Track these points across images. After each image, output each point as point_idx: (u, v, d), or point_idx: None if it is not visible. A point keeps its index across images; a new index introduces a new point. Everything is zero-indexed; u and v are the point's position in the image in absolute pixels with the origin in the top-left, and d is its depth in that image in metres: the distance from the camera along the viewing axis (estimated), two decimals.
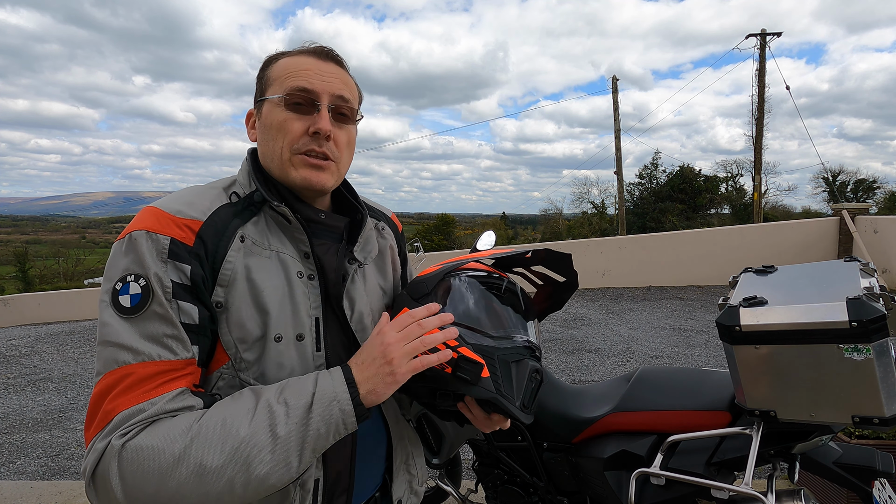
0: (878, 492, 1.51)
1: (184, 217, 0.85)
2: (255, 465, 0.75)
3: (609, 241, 11.65)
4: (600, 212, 40.79)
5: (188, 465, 0.72)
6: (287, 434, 0.77)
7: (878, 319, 1.17)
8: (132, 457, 0.72)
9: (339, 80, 0.95)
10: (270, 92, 0.93)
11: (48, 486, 3.43)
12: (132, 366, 0.77)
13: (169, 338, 0.80)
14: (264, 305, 0.86)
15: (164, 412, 0.75)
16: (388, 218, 1.18)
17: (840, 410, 1.27)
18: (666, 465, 1.57)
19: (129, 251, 0.82)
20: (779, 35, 19.94)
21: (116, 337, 0.78)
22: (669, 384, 1.74)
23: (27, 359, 7.14)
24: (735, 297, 1.41)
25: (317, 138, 0.91)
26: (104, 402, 0.76)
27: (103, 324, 0.79)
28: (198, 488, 0.73)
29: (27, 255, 52.12)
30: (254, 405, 0.79)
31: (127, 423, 0.74)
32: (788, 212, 36.10)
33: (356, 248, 1.00)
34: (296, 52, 0.97)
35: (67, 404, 5.19)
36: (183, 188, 0.95)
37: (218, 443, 0.74)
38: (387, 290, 1.07)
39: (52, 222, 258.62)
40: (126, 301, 0.79)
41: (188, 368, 0.81)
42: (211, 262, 0.85)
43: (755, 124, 20.75)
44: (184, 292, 0.82)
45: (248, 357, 0.86)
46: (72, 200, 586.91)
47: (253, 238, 0.89)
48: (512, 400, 0.94)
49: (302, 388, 0.82)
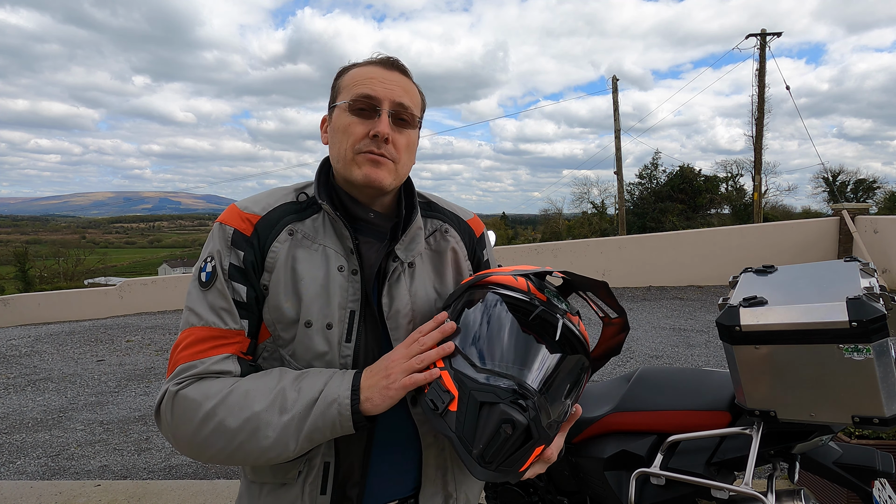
0: (878, 492, 1.51)
1: (248, 212, 1.00)
2: (261, 437, 0.87)
3: (609, 241, 11.65)
4: (600, 212, 40.80)
5: (214, 420, 0.88)
6: (290, 419, 0.87)
7: (878, 319, 1.17)
8: (179, 402, 0.90)
9: (401, 88, 1.02)
10: (340, 99, 1.03)
11: (48, 486, 3.43)
12: (195, 328, 0.94)
13: (223, 310, 0.95)
14: (300, 293, 0.97)
15: (208, 372, 0.91)
16: (458, 220, 1.18)
17: (840, 410, 1.27)
18: (666, 465, 1.57)
19: (211, 237, 1.01)
20: (779, 35, 19.94)
21: (192, 303, 0.97)
22: (669, 384, 1.74)
23: (27, 359, 7.14)
24: (735, 297, 1.41)
25: (376, 140, 0.99)
26: (175, 354, 0.95)
27: (189, 291, 0.99)
28: (218, 441, 0.88)
29: (27, 255, 52.09)
30: (274, 385, 0.91)
31: (182, 375, 0.91)
32: (788, 212, 36.11)
33: (398, 246, 1.03)
34: (364, 63, 1.05)
35: (67, 404, 5.19)
36: (266, 190, 1.09)
37: (237, 410, 0.88)
38: (441, 293, 1.09)
39: (52, 222, 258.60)
40: (203, 276, 0.97)
41: (236, 338, 0.96)
42: (261, 249, 0.99)
43: (755, 124, 20.76)
44: (238, 274, 0.97)
45: (285, 336, 0.98)
46: (72, 200, 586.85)
47: (304, 232, 1.01)
48: (469, 445, 0.82)
49: (315, 382, 0.91)
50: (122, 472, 3.67)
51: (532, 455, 0.86)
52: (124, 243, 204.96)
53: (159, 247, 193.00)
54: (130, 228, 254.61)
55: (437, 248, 1.11)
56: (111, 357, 7.06)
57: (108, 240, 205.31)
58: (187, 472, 3.66)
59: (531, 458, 0.86)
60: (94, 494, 3.25)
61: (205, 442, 0.89)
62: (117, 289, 11.91)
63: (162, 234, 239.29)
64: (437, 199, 1.19)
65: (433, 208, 1.16)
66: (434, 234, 1.12)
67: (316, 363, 0.97)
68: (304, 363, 0.97)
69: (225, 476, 3.57)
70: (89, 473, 3.68)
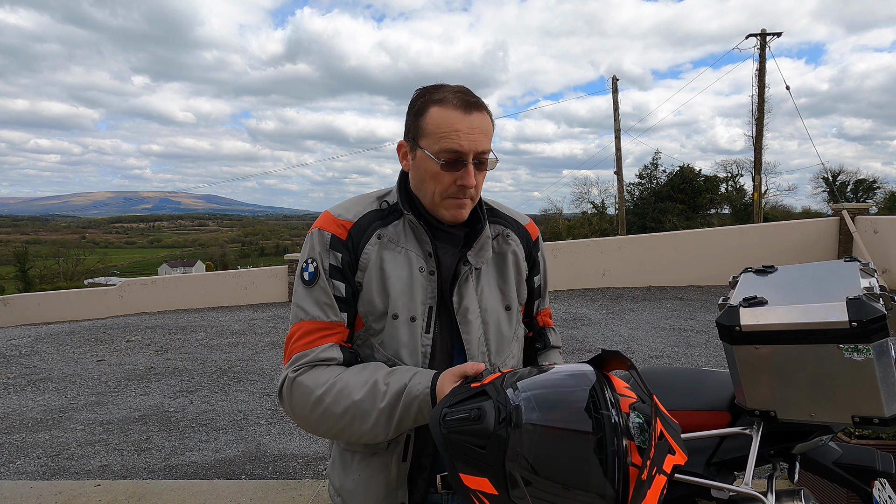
0: (878, 492, 1.51)
1: (342, 219, 1.16)
2: (359, 423, 1.05)
3: (609, 241, 11.66)
4: (600, 212, 40.79)
5: (322, 405, 1.06)
6: (382, 409, 1.04)
7: (878, 319, 1.17)
8: (296, 387, 1.08)
9: (482, 135, 1.12)
10: (424, 143, 1.12)
11: (48, 486, 3.43)
12: (303, 322, 1.12)
13: (326, 305, 1.12)
14: (388, 289, 1.13)
15: (318, 359, 1.09)
16: (517, 225, 1.31)
17: (840, 410, 1.27)
18: None
19: (309, 242, 1.16)
20: (779, 35, 19.94)
21: (299, 300, 1.13)
22: (669, 384, 1.74)
23: (27, 359, 7.14)
24: (735, 297, 1.41)
25: (462, 189, 1.12)
26: (289, 345, 1.12)
27: (295, 290, 1.16)
28: (326, 422, 1.07)
29: (27, 255, 52.12)
30: (369, 378, 1.07)
31: (298, 363, 1.09)
32: (788, 212, 36.09)
33: (470, 252, 1.17)
34: (446, 103, 1.10)
35: (67, 404, 5.19)
36: (351, 197, 1.24)
37: (341, 399, 1.05)
38: (505, 291, 1.24)
39: (52, 222, 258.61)
40: (307, 276, 1.13)
41: (337, 328, 1.12)
42: (355, 251, 1.14)
43: (755, 124, 20.76)
44: (337, 273, 1.13)
45: (375, 326, 1.14)
46: (71, 200, 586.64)
47: (389, 237, 1.16)
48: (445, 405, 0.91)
49: (402, 377, 1.06)
50: (122, 472, 3.67)
51: (456, 472, 0.86)
52: (124, 243, 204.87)
53: (159, 247, 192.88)
54: (130, 228, 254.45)
55: (500, 251, 1.25)
56: (111, 357, 7.06)
57: (108, 240, 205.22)
58: (187, 472, 3.66)
59: (452, 472, 0.87)
60: (94, 494, 3.25)
61: (317, 422, 1.08)
62: (117, 289, 11.91)
63: (162, 233, 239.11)
64: (498, 205, 1.32)
65: (495, 214, 1.29)
66: (497, 237, 1.26)
67: (401, 351, 1.12)
68: (391, 350, 1.13)
69: (225, 476, 3.57)
70: (89, 473, 3.68)
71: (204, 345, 7.54)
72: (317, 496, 3.14)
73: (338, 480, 1.21)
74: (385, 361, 1.13)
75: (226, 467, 3.71)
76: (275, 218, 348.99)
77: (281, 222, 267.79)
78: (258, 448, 4.00)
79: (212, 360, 6.62)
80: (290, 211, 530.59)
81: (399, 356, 1.13)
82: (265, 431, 4.32)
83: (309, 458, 3.81)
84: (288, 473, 3.59)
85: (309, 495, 3.14)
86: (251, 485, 3.35)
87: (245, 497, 3.16)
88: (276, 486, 3.31)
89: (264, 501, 3.11)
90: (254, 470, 3.65)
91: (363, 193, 1.25)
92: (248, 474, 3.60)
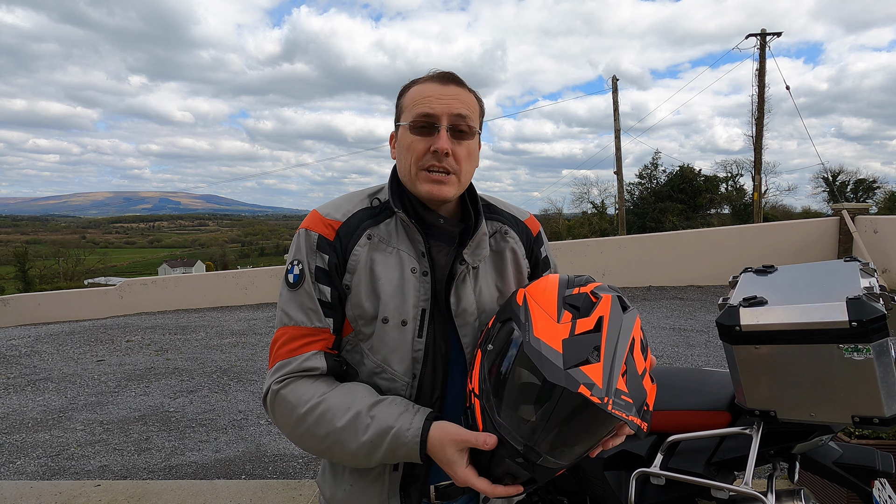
0: (878, 492, 1.51)
1: (330, 218, 1.10)
2: (339, 450, 1.02)
3: (609, 241, 11.66)
4: (600, 212, 40.79)
5: (304, 425, 1.02)
6: (363, 442, 0.99)
7: (878, 319, 1.17)
8: (280, 401, 1.04)
9: (458, 101, 1.08)
10: (402, 119, 1.11)
11: (48, 486, 3.43)
12: (287, 327, 1.07)
13: (310, 310, 1.07)
14: (378, 292, 1.07)
15: (301, 369, 1.04)
16: (516, 221, 1.26)
17: (840, 410, 1.27)
18: (666, 465, 1.57)
19: (296, 242, 1.10)
20: (778, 35, 19.93)
21: (284, 303, 1.09)
22: (669, 384, 1.74)
23: (27, 359, 7.14)
24: (735, 297, 1.41)
25: (437, 155, 1.06)
26: (273, 350, 1.08)
27: (280, 293, 1.11)
28: (309, 441, 1.04)
29: (27, 255, 52.09)
30: (352, 405, 1.02)
31: (280, 372, 1.05)
32: (788, 212, 36.10)
33: (466, 251, 1.12)
34: (423, 80, 1.12)
35: (67, 404, 5.19)
36: (342, 194, 1.20)
37: (322, 422, 1.01)
38: (503, 290, 1.18)
39: (52, 222, 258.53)
40: (292, 279, 1.08)
41: (322, 335, 1.07)
42: (343, 253, 1.08)
43: (755, 124, 20.75)
44: (323, 276, 1.07)
45: (365, 331, 1.09)
46: (71, 200, 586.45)
47: (380, 236, 1.10)
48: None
49: (386, 417, 1.00)
50: (122, 472, 3.67)
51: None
52: (124, 243, 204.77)
53: (159, 247, 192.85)
54: (130, 228, 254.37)
55: (498, 249, 1.20)
56: (111, 357, 7.06)
57: (108, 240, 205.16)
58: (187, 472, 3.66)
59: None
60: (94, 494, 3.25)
61: (299, 439, 1.05)
62: (117, 289, 11.91)
63: (162, 233, 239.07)
64: (495, 200, 1.27)
65: (492, 210, 1.24)
66: (495, 235, 1.21)
67: (391, 356, 1.07)
68: (380, 356, 1.08)
69: (225, 476, 3.57)
70: (89, 473, 3.68)
71: (204, 345, 7.54)
72: (317, 496, 3.13)
73: (329, 491, 1.17)
74: (374, 367, 1.09)
75: (226, 467, 3.71)
76: (274, 218, 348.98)
77: (281, 222, 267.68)
78: (258, 448, 4.00)
79: (212, 360, 6.62)
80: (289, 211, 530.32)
81: (388, 362, 1.08)
82: (265, 431, 4.32)
83: (309, 458, 3.81)
84: (288, 473, 3.59)
85: (309, 495, 3.14)
86: (251, 485, 3.35)
87: (245, 497, 3.16)
88: (277, 486, 3.31)
89: (264, 501, 3.11)
90: (254, 470, 3.65)
91: (354, 191, 1.20)
92: (249, 474, 3.60)
